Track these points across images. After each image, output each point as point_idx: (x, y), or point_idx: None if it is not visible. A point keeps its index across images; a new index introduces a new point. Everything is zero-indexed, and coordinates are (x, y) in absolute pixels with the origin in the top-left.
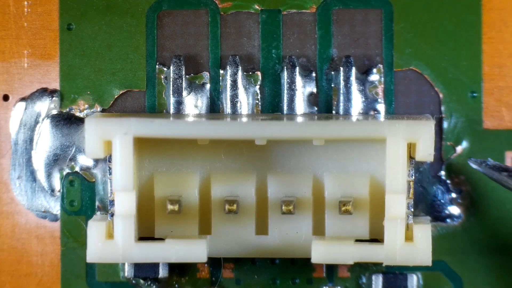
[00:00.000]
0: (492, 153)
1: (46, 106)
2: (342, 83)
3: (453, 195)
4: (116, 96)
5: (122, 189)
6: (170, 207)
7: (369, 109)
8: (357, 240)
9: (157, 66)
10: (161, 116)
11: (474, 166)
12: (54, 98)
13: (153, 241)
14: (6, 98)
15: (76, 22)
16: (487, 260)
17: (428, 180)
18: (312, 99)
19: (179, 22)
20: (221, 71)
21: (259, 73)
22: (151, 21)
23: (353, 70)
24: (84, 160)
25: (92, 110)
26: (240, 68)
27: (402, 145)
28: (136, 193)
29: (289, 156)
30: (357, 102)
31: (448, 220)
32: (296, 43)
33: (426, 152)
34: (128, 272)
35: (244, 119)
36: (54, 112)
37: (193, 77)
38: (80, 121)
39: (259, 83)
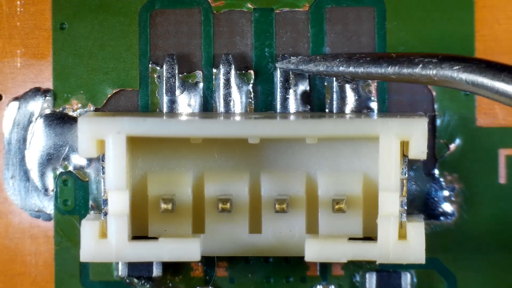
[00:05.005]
0: (485, 150)
1: (39, 105)
2: (335, 81)
3: (447, 192)
4: (109, 95)
5: (115, 188)
6: (163, 206)
7: (362, 108)
8: (350, 238)
9: (150, 65)
10: (154, 115)
11: (284, 66)
12: (47, 97)
13: (147, 240)
14: None
15: (69, 22)
16: (480, 257)
17: (422, 178)
18: (305, 98)
19: (172, 21)
20: (214, 70)
21: (252, 72)
22: (144, 20)
23: None
24: (77, 160)
25: (85, 109)
26: (233, 66)
27: (395, 143)
28: (130, 192)
29: (282, 154)
30: (350, 101)
31: (441, 218)
32: (289, 41)
33: (419, 150)
34: (122, 271)
35: (237, 118)
36: (47, 111)
37: (186, 76)
38: (73, 120)
39: (252, 81)
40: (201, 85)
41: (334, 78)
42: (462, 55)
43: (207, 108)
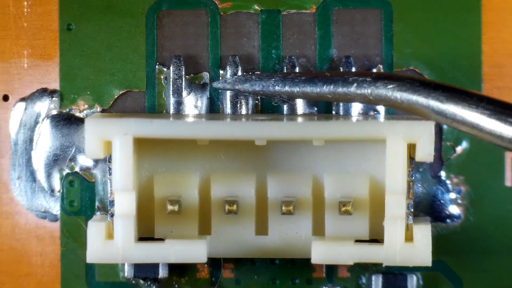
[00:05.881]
0: (491, 153)
1: (46, 106)
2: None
3: (453, 195)
4: (116, 97)
5: (122, 190)
6: (170, 207)
7: (369, 110)
8: (357, 241)
9: (157, 66)
10: (161, 117)
11: (220, 85)
12: (54, 98)
13: (153, 241)
14: (6, 98)
15: (76, 22)
16: (486, 260)
17: (428, 180)
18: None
19: (178, 22)
20: (221, 71)
21: (259, 73)
22: (151, 21)
23: (353, 70)
24: (84, 161)
25: (92, 110)
26: (240, 68)
27: (402, 146)
28: (136, 194)
29: (289, 156)
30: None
31: (448, 220)
32: (296, 43)
33: (426, 153)
34: (128, 272)
35: (244, 120)
36: (54, 112)
37: (193, 77)
38: (80, 121)
39: None
40: (208, 86)
41: (271, 98)
42: (396, 74)
43: (213, 109)
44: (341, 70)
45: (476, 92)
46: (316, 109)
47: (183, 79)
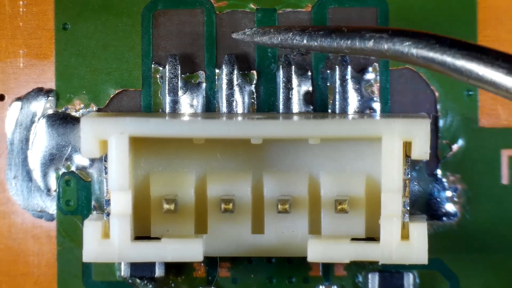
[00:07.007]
0: (488, 151)
1: (41, 105)
2: (337, 81)
3: (449, 193)
4: (111, 96)
5: (118, 189)
6: (166, 206)
7: (365, 108)
8: (353, 239)
9: (152, 66)
10: (157, 116)
11: (239, 37)
12: (49, 97)
13: (149, 240)
14: (1, 98)
15: (72, 22)
16: (483, 258)
17: (424, 179)
18: (308, 98)
19: (174, 21)
20: (217, 70)
21: (254, 72)
22: (147, 20)
23: (349, 68)
24: (80, 160)
25: (87, 109)
26: (235, 67)
27: (398, 144)
28: (132, 193)
29: (285, 155)
30: (353, 101)
31: (444, 218)
32: None
33: (422, 151)
34: (124, 271)
35: (240, 118)
36: (50, 111)
37: (189, 76)
38: (76, 120)
39: (254, 82)
40: (203, 85)
41: (289, 51)
42: (413, 30)
43: (209, 108)
44: (337, 68)
45: (493, 49)
46: (312, 107)
47: (179, 78)
